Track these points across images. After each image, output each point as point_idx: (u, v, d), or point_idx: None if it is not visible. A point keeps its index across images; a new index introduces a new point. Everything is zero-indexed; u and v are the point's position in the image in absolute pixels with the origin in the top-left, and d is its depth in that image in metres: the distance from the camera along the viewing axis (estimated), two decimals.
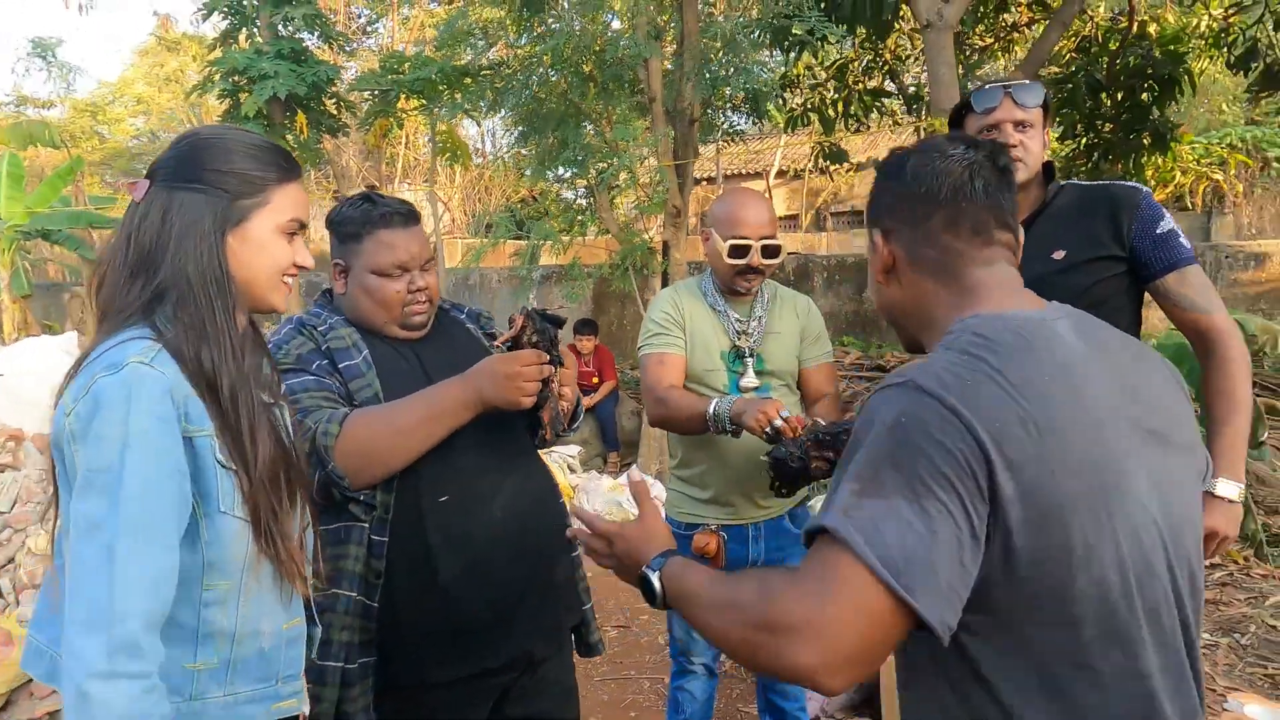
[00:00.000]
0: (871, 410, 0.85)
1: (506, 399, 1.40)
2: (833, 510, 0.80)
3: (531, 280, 6.66)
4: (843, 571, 0.77)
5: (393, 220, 1.52)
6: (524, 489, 1.55)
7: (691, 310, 2.12)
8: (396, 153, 16.96)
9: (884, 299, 1.02)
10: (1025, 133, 1.76)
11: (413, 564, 1.43)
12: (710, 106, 5.85)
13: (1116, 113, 6.86)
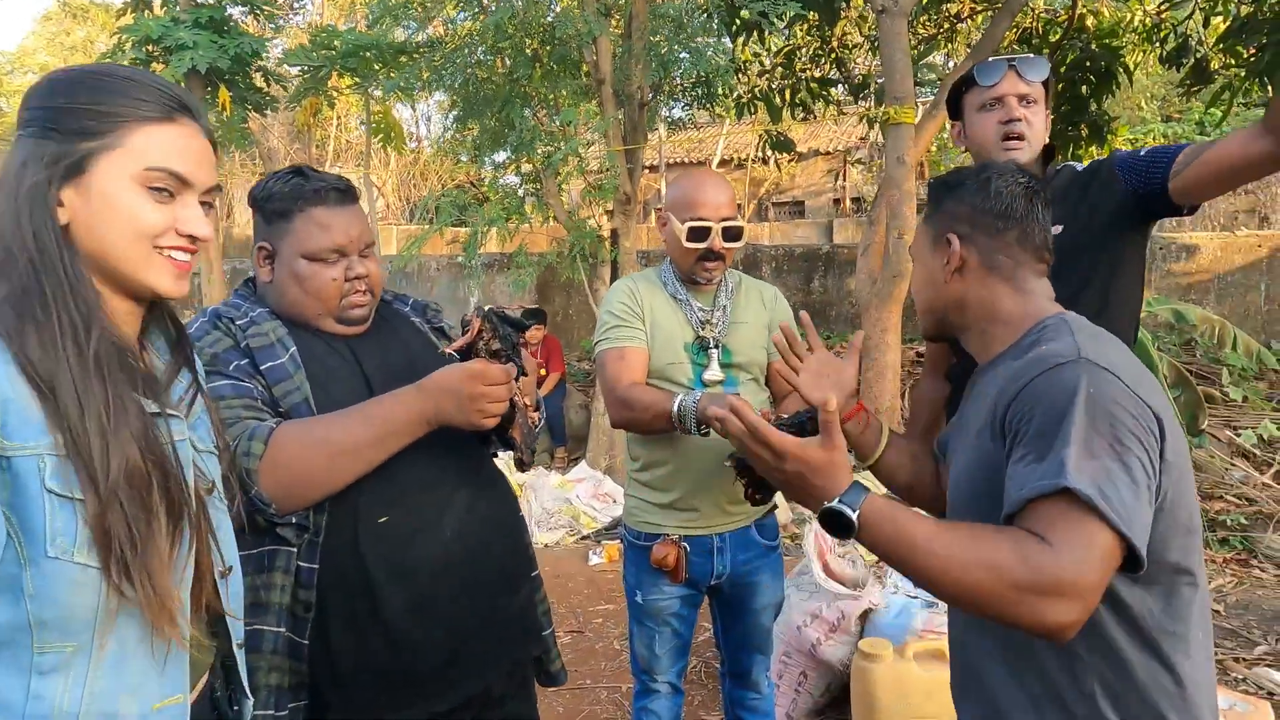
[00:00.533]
0: (1052, 386, 0.97)
1: (469, 421, 1.23)
2: (1068, 474, 0.90)
3: (474, 269, 6.40)
4: (1096, 536, 0.89)
5: (328, 197, 1.32)
6: (478, 506, 1.36)
7: (651, 300, 1.97)
8: (327, 134, 16.30)
9: (946, 293, 1.17)
10: (1029, 108, 1.68)
11: (348, 596, 1.24)
12: (661, 91, 5.68)
13: (1056, 104, 6.97)
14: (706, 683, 3.02)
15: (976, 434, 1.08)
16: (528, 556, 1.50)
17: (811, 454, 0.99)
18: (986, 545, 0.91)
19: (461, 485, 1.35)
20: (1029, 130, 1.66)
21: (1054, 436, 0.93)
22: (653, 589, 2.00)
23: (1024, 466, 0.95)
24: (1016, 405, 1.00)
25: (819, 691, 2.70)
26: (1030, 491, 0.92)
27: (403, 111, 17.58)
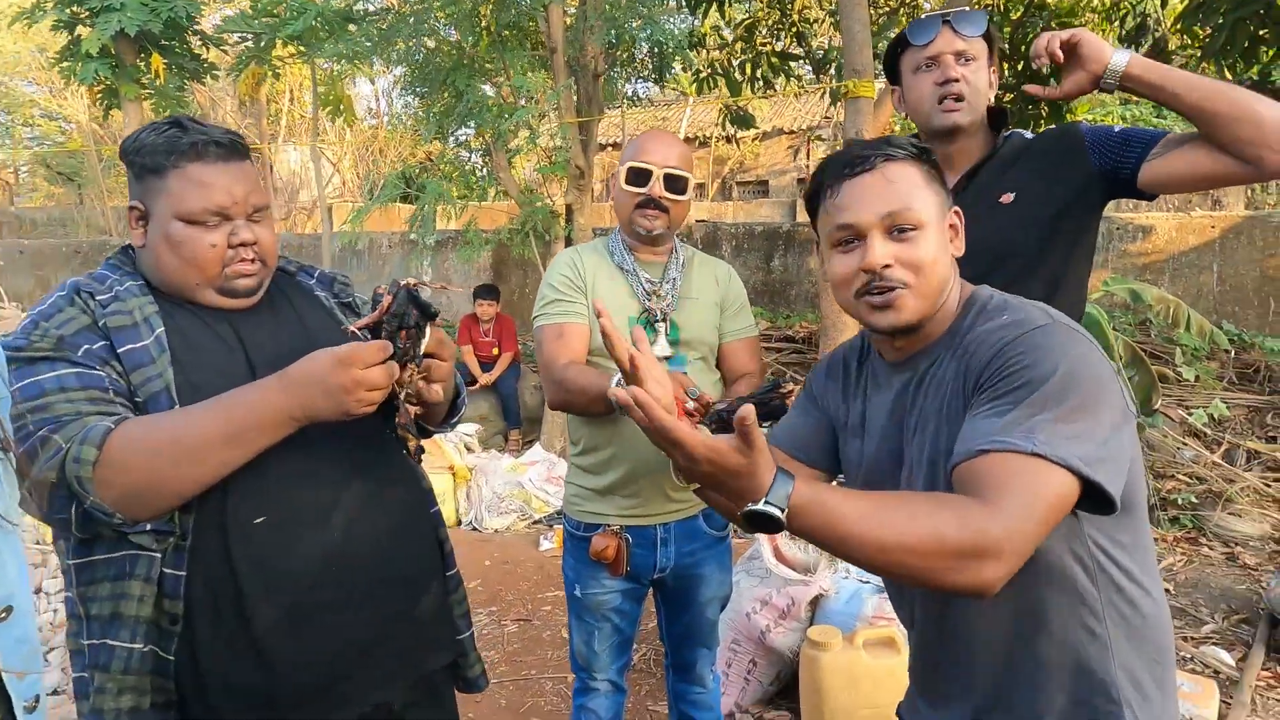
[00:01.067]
0: (1035, 346, 0.96)
1: (344, 414, 1.08)
2: (1036, 437, 0.89)
3: (425, 245, 6.18)
4: (1045, 486, 0.88)
5: (207, 151, 1.16)
6: (377, 500, 1.22)
7: (595, 270, 1.83)
8: (280, 108, 15.76)
9: (945, 266, 1.07)
10: (968, 66, 1.57)
11: (217, 607, 1.10)
12: (615, 63, 5.51)
13: (1017, 82, 6.93)
14: (654, 671, 2.92)
15: (943, 422, 1.02)
16: (440, 554, 1.36)
17: (729, 460, 0.87)
18: (924, 516, 0.88)
19: (356, 476, 1.21)
20: (968, 90, 1.56)
21: (1029, 394, 0.92)
22: (592, 583, 1.89)
23: (986, 419, 0.93)
24: (994, 363, 0.97)
25: (768, 680, 2.62)
26: (990, 444, 0.90)
27: (362, 86, 17.08)
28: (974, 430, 0.93)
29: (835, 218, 1.06)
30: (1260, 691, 2.71)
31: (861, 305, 1.06)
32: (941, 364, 1.06)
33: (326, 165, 15.59)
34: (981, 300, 1.08)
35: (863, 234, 1.04)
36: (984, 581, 0.86)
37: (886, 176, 1.04)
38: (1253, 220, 5.97)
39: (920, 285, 1.03)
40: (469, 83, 4.61)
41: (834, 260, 1.08)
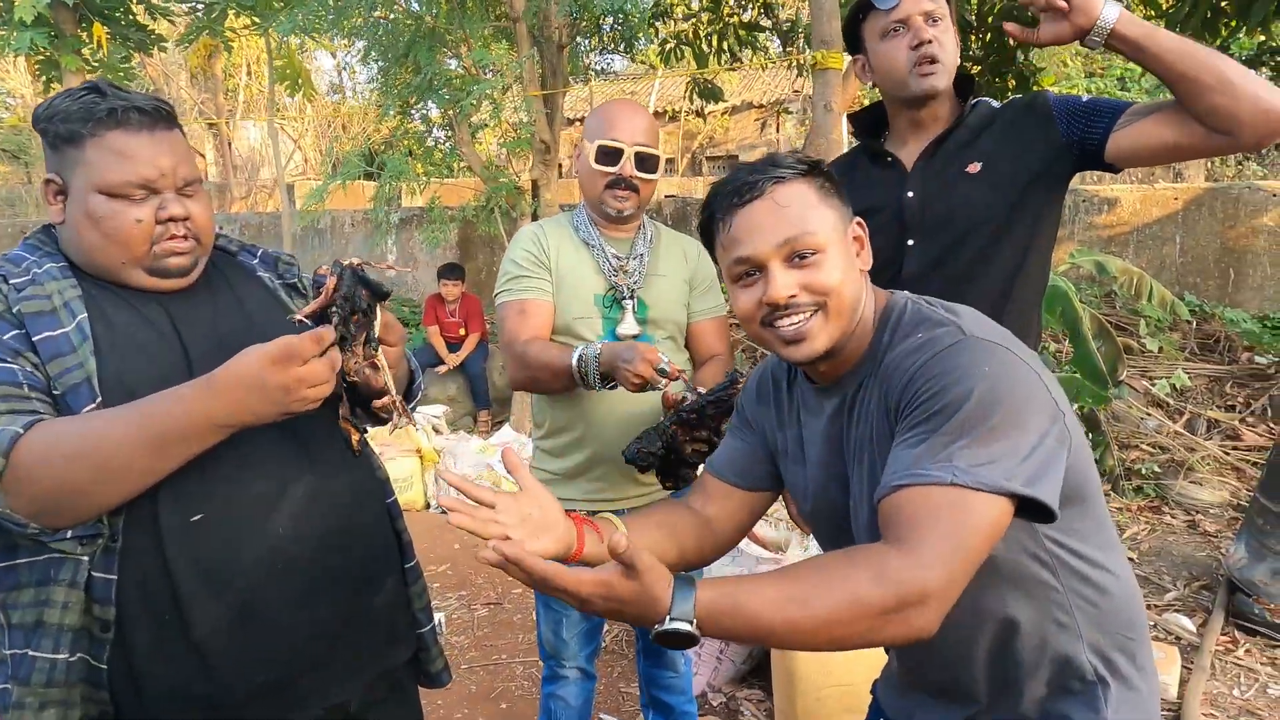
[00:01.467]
0: (947, 369, 0.90)
1: (283, 414, 1.00)
2: (955, 465, 0.84)
3: (389, 224, 6.04)
4: (980, 516, 0.84)
5: (128, 118, 1.06)
6: (327, 491, 1.15)
7: (559, 246, 1.77)
8: (238, 83, 15.30)
9: (860, 286, 1.03)
10: (937, 27, 1.51)
11: (153, 611, 1.03)
12: (579, 34, 5.38)
13: (985, 55, 6.92)
14: (626, 652, 2.90)
15: (875, 447, 0.99)
16: (397, 546, 1.30)
17: (620, 589, 0.80)
18: (839, 583, 0.83)
19: (303, 466, 1.13)
20: (941, 52, 1.50)
21: (945, 422, 0.88)
22: None
23: (903, 449, 0.89)
24: (908, 390, 0.93)
25: (740, 659, 2.61)
26: (908, 478, 0.86)
27: (324, 60, 16.61)
28: (893, 463, 0.90)
29: (731, 251, 1.01)
30: (1219, 656, 2.76)
31: (772, 338, 1.01)
32: (866, 389, 1.02)
33: (287, 142, 15.20)
34: (897, 312, 1.03)
35: (762, 265, 0.99)
36: (917, 630, 0.83)
37: (777, 201, 0.98)
38: (1214, 192, 6.04)
39: (830, 309, 0.98)
40: (429, 55, 4.46)
41: (737, 295, 1.03)
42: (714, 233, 1.04)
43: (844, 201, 1.04)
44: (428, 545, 3.75)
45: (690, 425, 1.49)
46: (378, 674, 1.23)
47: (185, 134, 1.16)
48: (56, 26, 5.41)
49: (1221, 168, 11.99)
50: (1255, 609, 2.86)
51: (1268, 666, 2.69)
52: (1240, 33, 5.23)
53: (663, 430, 1.50)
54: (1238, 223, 5.88)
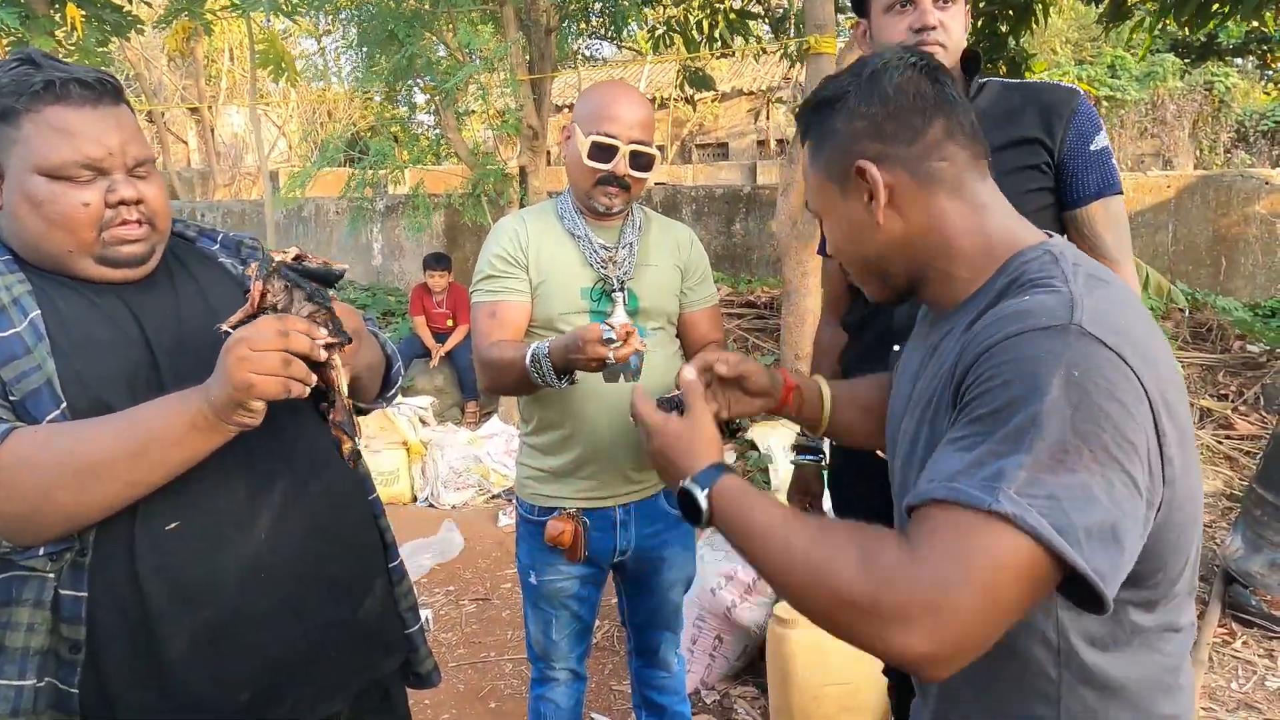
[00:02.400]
0: (1025, 359, 0.71)
1: (231, 399, 0.90)
2: (1000, 487, 0.67)
3: (374, 211, 5.93)
4: (1005, 557, 0.66)
5: (68, 92, 0.97)
6: (307, 494, 1.08)
7: (541, 238, 1.68)
8: (220, 68, 15.04)
9: (883, 239, 0.87)
10: (946, 10, 1.43)
11: (128, 629, 0.96)
12: (568, 18, 5.27)
13: (976, 40, 6.86)
14: (618, 649, 2.85)
15: (930, 412, 0.85)
16: (382, 546, 1.24)
17: (672, 425, 0.88)
18: (825, 548, 0.73)
19: (281, 467, 1.06)
20: (946, 36, 1.43)
21: (1003, 427, 0.69)
22: (548, 569, 1.78)
23: (953, 451, 0.73)
24: (975, 370, 0.75)
25: (735, 656, 2.56)
26: (945, 492, 0.69)
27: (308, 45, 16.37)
28: (935, 466, 0.74)
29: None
30: (1216, 648, 2.74)
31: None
32: (953, 336, 0.85)
33: (271, 128, 14.98)
34: (1034, 260, 0.82)
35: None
36: (895, 649, 0.68)
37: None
38: (1206, 180, 6.01)
39: (851, 268, 0.96)
40: (409, 37, 4.34)
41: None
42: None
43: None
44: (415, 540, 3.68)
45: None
46: (369, 682, 1.16)
47: (134, 110, 1.07)
48: (28, 6, 5.25)
49: (1210, 156, 12.02)
50: (1252, 601, 2.84)
51: (1265, 659, 2.67)
52: (1230, 20, 5.19)
53: (678, 403, 1.44)
54: (1230, 211, 5.86)
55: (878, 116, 0.85)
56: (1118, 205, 1.46)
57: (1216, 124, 12.03)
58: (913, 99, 0.85)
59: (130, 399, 0.96)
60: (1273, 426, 4.08)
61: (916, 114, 0.85)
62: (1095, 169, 1.44)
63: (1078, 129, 1.44)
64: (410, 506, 4.37)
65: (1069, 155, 1.45)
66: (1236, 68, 12.37)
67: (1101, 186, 1.44)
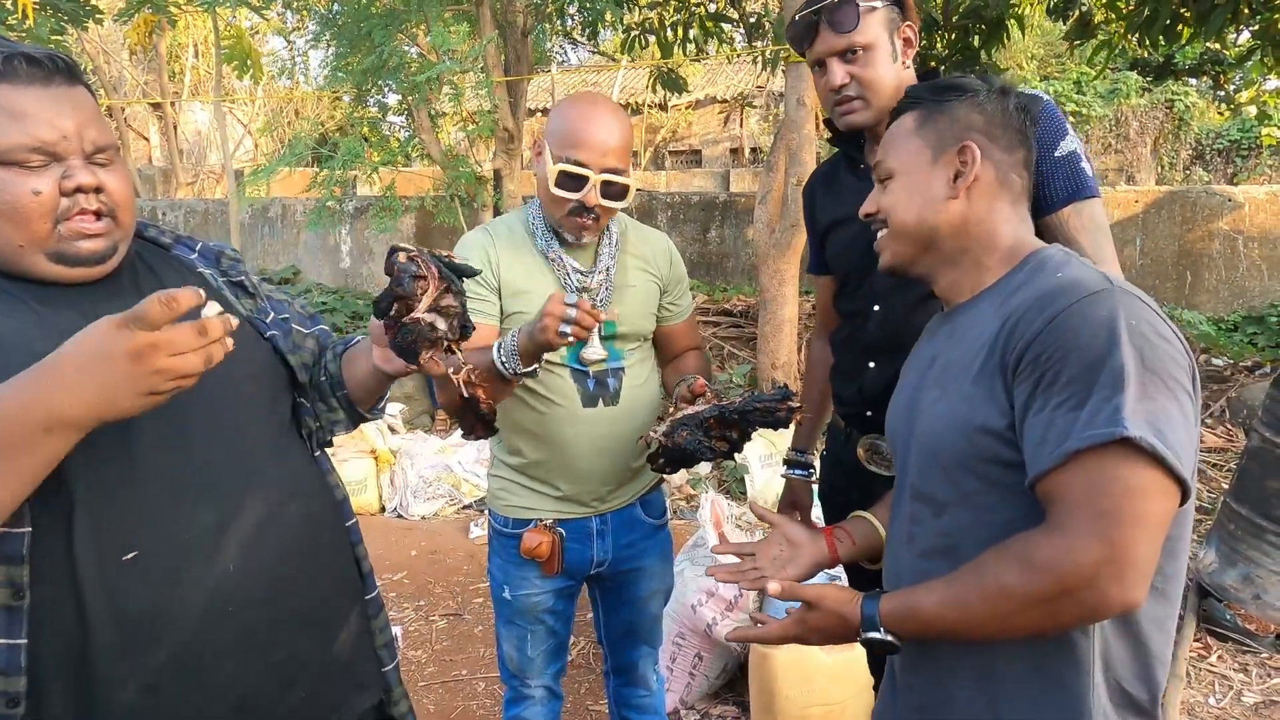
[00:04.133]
0: (1089, 321, 0.84)
1: (143, 394, 0.77)
2: (1120, 419, 0.78)
3: (343, 212, 5.79)
4: (1138, 482, 0.78)
5: (15, 70, 0.88)
6: (276, 518, 1.00)
7: (513, 263, 1.59)
8: (184, 64, 14.68)
9: (946, 212, 1.02)
10: (857, 60, 1.41)
11: (74, 673, 0.87)
12: (544, 19, 5.20)
13: (949, 54, 6.93)
14: (594, 666, 2.77)
15: (965, 380, 0.95)
16: (357, 576, 1.16)
17: (811, 621, 0.98)
18: (990, 580, 0.84)
19: (251, 489, 0.98)
20: (864, 89, 1.43)
21: (1098, 377, 0.81)
22: (523, 583, 1.71)
23: (1062, 414, 0.82)
24: (1041, 342, 0.85)
25: (715, 674, 2.50)
26: (1080, 442, 0.80)
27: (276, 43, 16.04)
28: (1047, 431, 0.83)
29: None
30: (1193, 663, 2.74)
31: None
32: (981, 315, 0.98)
33: (236, 126, 14.66)
34: (1040, 258, 0.98)
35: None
36: (1104, 606, 0.80)
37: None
38: (1172, 195, 6.12)
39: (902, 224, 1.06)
40: (386, 35, 4.24)
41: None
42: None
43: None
44: (383, 552, 3.57)
45: (727, 423, 1.38)
46: None
47: (94, 93, 0.98)
48: None
49: (1170, 172, 12.31)
50: (1227, 615, 2.85)
51: (1240, 673, 2.68)
52: (1192, 41, 5.29)
53: (701, 421, 1.38)
54: (1195, 226, 5.98)
55: (996, 120, 1.03)
56: (1092, 209, 1.41)
57: (1177, 141, 12.33)
58: (1022, 123, 1.05)
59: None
60: (1242, 440, 4.14)
61: (1020, 135, 1.04)
62: (1062, 174, 1.40)
63: (1040, 136, 1.41)
64: (378, 517, 4.25)
65: (1034, 163, 1.42)
66: (1193, 87, 12.71)
67: (1071, 191, 1.39)
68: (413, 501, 4.23)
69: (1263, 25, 4.70)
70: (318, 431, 1.19)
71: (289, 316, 1.19)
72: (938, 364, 1.03)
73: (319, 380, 1.19)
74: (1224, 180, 11.43)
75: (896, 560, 1.06)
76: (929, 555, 0.98)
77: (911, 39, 1.47)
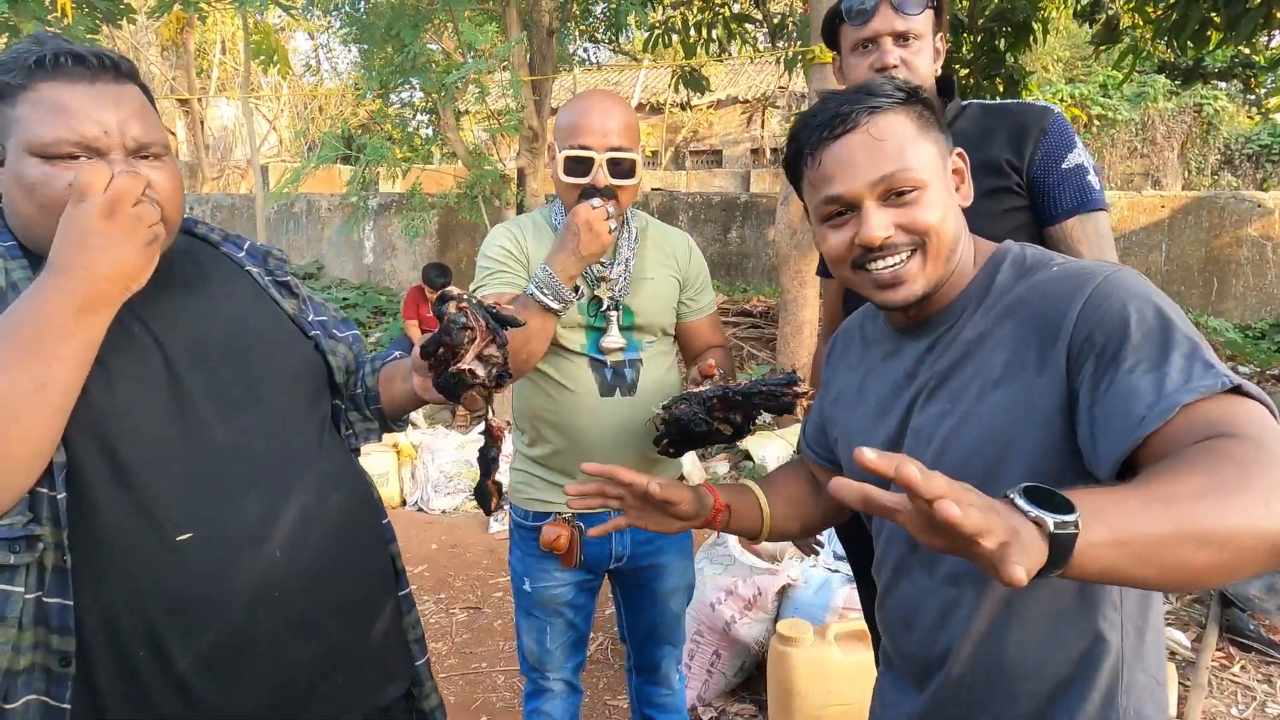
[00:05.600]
0: (1126, 293, 0.82)
1: (144, 245, 0.88)
2: (1221, 373, 0.74)
3: (366, 209, 5.86)
4: (1270, 419, 0.72)
5: (65, 68, 0.91)
6: (324, 506, 1.03)
7: (538, 250, 1.62)
8: (212, 60, 14.88)
9: (955, 223, 0.94)
10: (908, 46, 1.43)
11: (127, 645, 0.90)
12: (569, 18, 5.23)
13: (974, 56, 6.90)
14: (613, 662, 2.80)
15: (989, 387, 0.88)
16: (392, 572, 1.19)
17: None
18: (1230, 479, 0.64)
19: (297, 481, 1.01)
20: (909, 73, 1.43)
21: (1171, 336, 0.77)
22: (543, 576, 1.73)
23: (1140, 377, 0.75)
24: (1086, 323, 0.81)
25: (733, 671, 2.52)
26: (1190, 394, 0.72)
27: (300, 41, 16.24)
28: (1134, 398, 0.74)
29: (822, 189, 0.92)
30: (1215, 673, 2.72)
31: (865, 281, 0.94)
32: (968, 325, 0.92)
33: (262, 122, 14.82)
34: (1014, 254, 0.95)
35: (855, 204, 0.91)
36: None
37: (872, 134, 0.89)
38: (1200, 201, 6.05)
39: (930, 250, 0.91)
40: (413, 32, 4.28)
41: (825, 235, 0.95)
42: (801, 169, 0.95)
43: (943, 131, 0.95)
44: (404, 544, 3.58)
45: (731, 404, 1.39)
46: (370, 710, 1.11)
47: (148, 93, 1.01)
48: None
49: (1198, 177, 12.15)
50: (1250, 625, 2.83)
51: (1264, 684, 2.65)
52: (1222, 46, 5.24)
53: (705, 401, 1.40)
54: (1222, 232, 5.91)
55: (943, 126, 0.97)
56: (1097, 221, 1.45)
57: (1204, 146, 12.16)
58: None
59: (149, 403, 0.93)
60: None
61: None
62: (1069, 186, 1.43)
63: (1048, 148, 1.44)
64: (399, 510, 4.30)
65: (1040, 174, 1.45)
66: (1223, 90, 12.53)
67: (1077, 203, 1.43)
68: (433, 496, 4.27)
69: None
70: (349, 437, 1.22)
71: (327, 320, 1.22)
72: (922, 382, 0.95)
73: (355, 392, 1.23)
74: (1253, 186, 11.26)
75: (915, 585, 0.96)
76: (954, 581, 0.90)
77: (941, 50, 1.50)
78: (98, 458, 0.90)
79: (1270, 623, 2.79)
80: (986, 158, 1.45)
